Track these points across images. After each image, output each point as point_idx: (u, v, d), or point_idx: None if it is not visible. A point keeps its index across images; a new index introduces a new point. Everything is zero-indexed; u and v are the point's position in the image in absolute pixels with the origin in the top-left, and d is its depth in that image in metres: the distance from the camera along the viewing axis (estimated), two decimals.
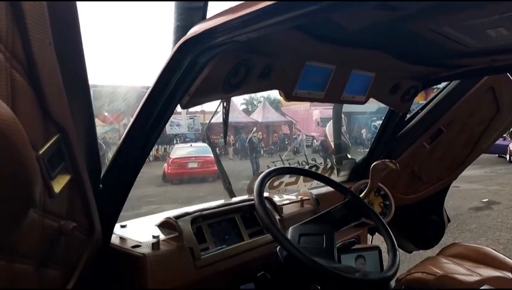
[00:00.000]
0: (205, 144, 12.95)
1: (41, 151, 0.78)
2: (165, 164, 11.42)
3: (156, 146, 16.18)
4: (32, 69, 0.72)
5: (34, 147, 0.74)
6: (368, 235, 2.15)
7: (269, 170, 1.25)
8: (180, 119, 18.15)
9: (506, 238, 4.56)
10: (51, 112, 0.78)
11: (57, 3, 0.76)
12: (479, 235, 4.68)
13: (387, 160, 1.38)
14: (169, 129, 17.54)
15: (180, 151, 12.21)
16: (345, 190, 1.32)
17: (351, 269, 1.06)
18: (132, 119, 1.09)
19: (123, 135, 1.10)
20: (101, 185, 1.11)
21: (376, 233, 2.26)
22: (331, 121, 2.44)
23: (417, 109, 2.25)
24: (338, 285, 1.59)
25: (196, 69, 1.03)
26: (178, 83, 1.04)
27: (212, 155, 11.54)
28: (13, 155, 0.64)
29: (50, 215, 0.87)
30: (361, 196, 1.51)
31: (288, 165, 1.83)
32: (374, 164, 1.39)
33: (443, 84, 2.07)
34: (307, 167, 2.14)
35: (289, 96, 1.40)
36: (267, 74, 1.23)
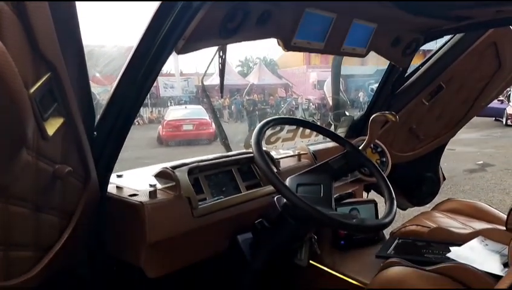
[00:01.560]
0: (200, 106, 12.89)
1: (32, 90, 0.75)
2: (160, 126, 11.38)
3: (150, 108, 16.06)
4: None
5: (25, 84, 0.71)
6: (364, 192, 2.17)
7: (268, 119, 1.23)
8: (174, 81, 17.92)
9: (498, 199, 4.63)
10: (40, 48, 0.74)
11: None
12: (472, 196, 4.75)
13: (386, 112, 1.35)
14: (163, 91, 17.36)
15: (174, 113, 12.12)
16: (344, 141, 1.31)
17: (348, 216, 1.07)
18: (125, 64, 1.05)
19: (116, 81, 1.07)
20: (95, 133, 1.09)
21: (372, 190, 2.28)
22: (330, 77, 2.40)
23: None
24: (333, 236, 1.63)
25: (190, 12, 0.99)
26: (173, 25, 0.99)
27: (207, 118, 11.51)
28: (3, 89, 0.62)
29: (44, 158, 0.85)
30: None
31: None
32: (373, 116, 1.37)
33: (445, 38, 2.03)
34: None
35: (288, 46, 1.36)
36: (266, 20, 1.19)
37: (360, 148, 1.55)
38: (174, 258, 1.21)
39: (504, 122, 11.90)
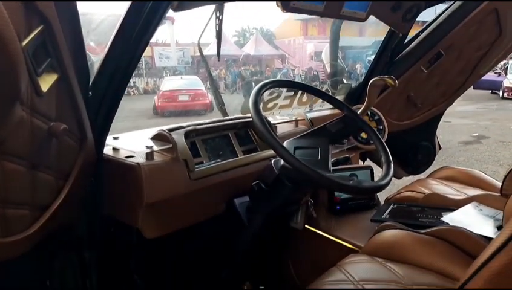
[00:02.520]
0: (196, 77, 12.74)
1: (24, 43, 0.73)
2: (155, 97, 11.27)
3: (145, 79, 15.86)
4: None
5: (17, 36, 0.69)
6: (360, 161, 2.18)
7: (266, 81, 1.21)
8: (170, 51, 17.61)
9: (492, 170, 4.68)
10: None
11: None
12: (467, 167, 4.80)
13: (385, 76, 1.34)
14: (158, 61, 17.10)
15: (170, 83, 11.98)
16: (342, 105, 1.30)
17: (346, 178, 1.07)
18: (119, 22, 1.02)
19: (111, 39, 1.04)
20: (90, 93, 1.07)
21: (368, 159, 2.29)
22: (328, 44, 2.36)
23: None
24: (329, 201, 1.64)
25: None
26: None
27: (202, 88, 11.40)
28: None
29: (39, 115, 0.84)
30: None
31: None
32: (372, 80, 1.35)
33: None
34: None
35: (287, 7, 1.32)
36: None
37: (358, 112, 1.55)
38: (171, 220, 1.21)
39: (500, 95, 11.88)
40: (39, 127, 0.86)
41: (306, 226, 1.58)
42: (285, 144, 1.21)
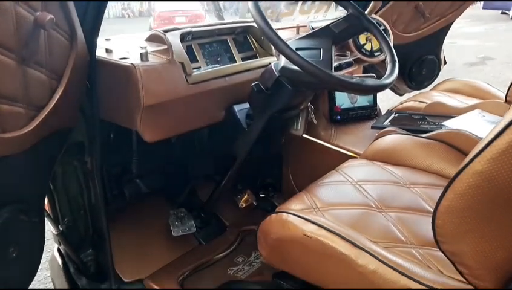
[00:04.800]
0: None
1: None
2: (151, 19, 10.84)
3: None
4: None
5: None
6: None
7: None
8: None
9: None
10: None
11: None
12: None
13: None
14: None
15: (165, 4, 11.46)
16: (347, 3, 1.22)
17: (349, 77, 1.03)
18: None
19: None
20: None
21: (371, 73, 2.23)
22: None
23: None
24: (329, 111, 1.62)
25: None
26: None
27: (200, 9, 10.93)
28: None
29: (23, 3, 0.78)
30: None
31: None
32: None
33: None
34: None
35: None
36: None
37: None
38: (171, 124, 1.20)
39: (510, 16, 11.41)
40: (24, 17, 0.81)
41: (306, 136, 1.58)
42: None
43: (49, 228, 1.22)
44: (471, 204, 0.62)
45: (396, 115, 1.54)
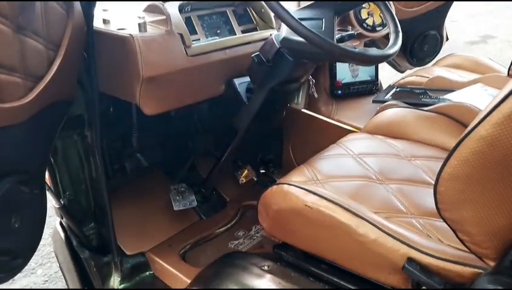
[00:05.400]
0: None
1: None
2: None
3: None
4: None
5: None
6: None
7: None
8: None
9: None
10: None
11: None
12: None
13: None
14: None
15: None
16: None
17: (352, 46, 1.02)
18: None
19: None
20: None
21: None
22: None
23: None
24: (330, 85, 1.61)
25: None
26: None
27: None
28: None
29: None
30: None
31: None
32: None
33: None
34: None
35: None
36: None
37: None
38: (170, 97, 1.19)
39: None
40: None
41: (306, 111, 1.58)
42: None
43: (51, 206, 1.22)
44: (475, 170, 0.62)
45: (398, 89, 1.53)
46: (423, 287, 0.80)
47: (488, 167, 0.61)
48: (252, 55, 1.15)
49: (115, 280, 1.35)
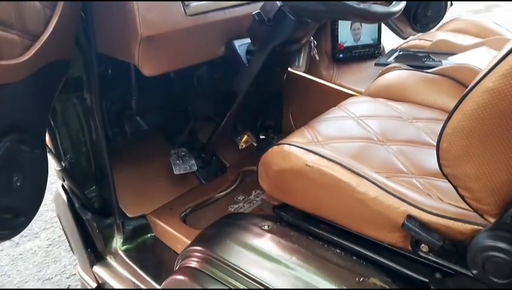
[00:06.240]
0: None
1: None
2: None
3: None
4: None
5: None
6: None
7: None
8: None
9: None
10: None
11: None
12: None
13: None
14: None
15: None
16: None
17: (355, 2, 0.99)
18: None
19: None
20: None
21: None
22: None
23: None
24: (332, 49, 1.58)
25: None
26: None
27: None
28: None
29: None
30: None
31: None
32: None
33: None
34: None
35: None
36: None
37: None
38: (169, 57, 1.17)
39: None
40: None
41: (307, 75, 1.56)
42: None
43: (53, 173, 1.22)
44: (478, 124, 0.62)
45: (400, 53, 1.51)
46: (422, 245, 0.81)
47: (492, 121, 0.61)
48: (253, 13, 1.12)
49: (117, 242, 1.37)
